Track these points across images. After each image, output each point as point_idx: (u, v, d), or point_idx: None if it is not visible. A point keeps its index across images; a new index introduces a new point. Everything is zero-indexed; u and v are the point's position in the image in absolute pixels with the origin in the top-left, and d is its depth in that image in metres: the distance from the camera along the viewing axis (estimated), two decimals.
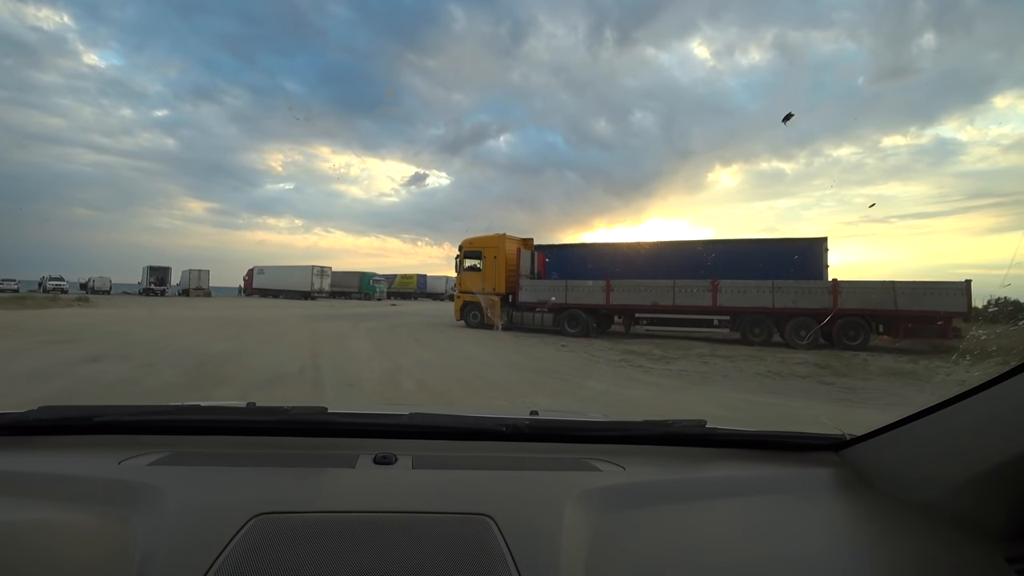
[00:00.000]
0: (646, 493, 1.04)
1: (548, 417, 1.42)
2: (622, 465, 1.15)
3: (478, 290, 18.09)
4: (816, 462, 1.24)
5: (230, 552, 0.75)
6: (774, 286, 14.34)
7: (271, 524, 0.82)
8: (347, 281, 50.74)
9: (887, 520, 1.01)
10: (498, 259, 17.79)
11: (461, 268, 18.67)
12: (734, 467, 1.22)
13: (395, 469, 1.07)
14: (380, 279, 51.90)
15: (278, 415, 1.20)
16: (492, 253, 17.97)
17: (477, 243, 18.55)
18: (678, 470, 1.18)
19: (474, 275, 18.37)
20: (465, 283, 18.68)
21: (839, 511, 1.07)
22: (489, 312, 17.77)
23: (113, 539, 0.80)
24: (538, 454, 1.21)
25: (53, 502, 0.88)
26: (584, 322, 16.14)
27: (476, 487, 1.02)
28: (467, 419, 1.34)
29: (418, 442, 1.21)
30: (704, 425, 1.30)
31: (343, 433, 1.21)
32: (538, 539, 0.84)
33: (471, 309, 18.38)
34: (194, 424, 1.22)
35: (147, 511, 0.85)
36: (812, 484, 1.16)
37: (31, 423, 1.13)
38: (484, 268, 18.09)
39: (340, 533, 0.81)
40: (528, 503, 0.96)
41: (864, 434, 1.21)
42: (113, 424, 1.15)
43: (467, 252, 18.62)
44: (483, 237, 18.59)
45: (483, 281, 18.00)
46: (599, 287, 16.19)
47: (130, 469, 1.00)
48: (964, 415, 0.96)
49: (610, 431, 1.35)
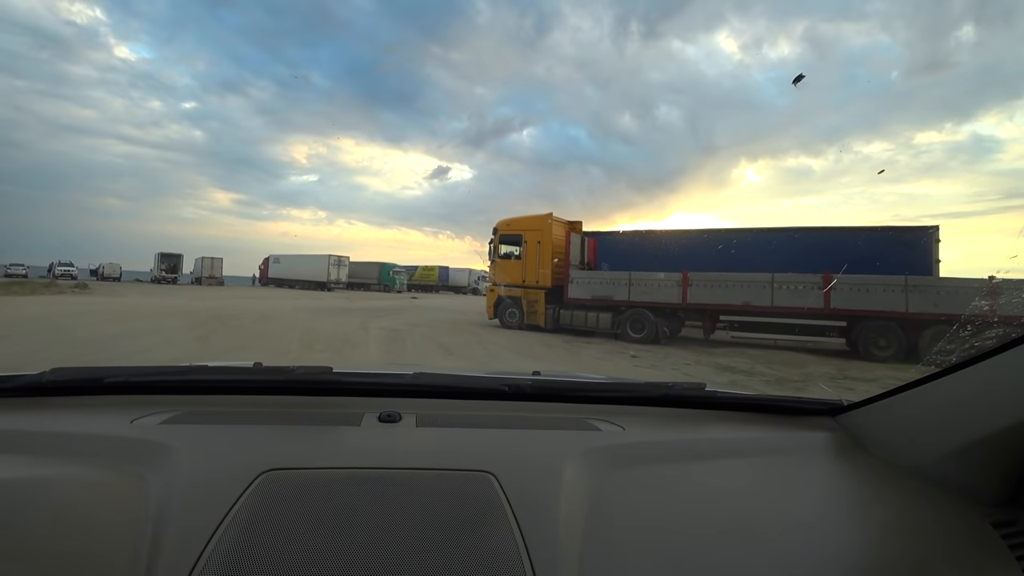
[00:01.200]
0: (645, 452, 1.05)
1: (549, 377, 1.44)
2: (622, 425, 1.15)
3: (517, 282, 14.78)
4: (813, 426, 1.26)
5: (240, 507, 0.76)
6: (907, 284, 10.83)
7: (279, 480, 0.83)
8: (366, 272, 48.01)
9: (880, 483, 1.05)
10: (543, 245, 14.43)
11: (495, 255, 15.33)
12: (733, 429, 1.23)
13: (399, 427, 1.07)
14: (400, 270, 48.99)
15: (284, 375, 1.20)
16: (535, 237, 14.58)
17: (517, 225, 15.15)
18: (677, 431, 1.19)
19: (512, 264, 15.03)
20: (501, 274, 15.30)
21: (834, 473, 1.09)
22: (531, 310, 14.51)
23: (127, 495, 0.80)
24: (539, 413, 1.22)
25: (68, 459, 0.88)
26: (652, 325, 12.81)
27: (478, 445, 1.02)
28: (470, 378, 1.35)
29: (422, 401, 1.22)
30: (704, 388, 1.31)
31: (348, 392, 1.22)
32: (538, 495, 0.85)
33: (508, 306, 15.07)
34: (203, 384, 1.22)
35: (159, 468, 0.86)
36: (809, 447, 1.17)
37: (44, 384, 1.11)
38: (525, 256, 14.72)
39: (346, 489, 0.82)
40: (529, 461, 0.96)
41: (861, 400, 1.23)
42: (124, 384, 1.15)
43: (503, 236, 15.24)
44: (524, 218, 15.21)
45: (523, 271, 14.68)
46: (673, 281, 12.79)
47: (142, 428, 1.01)
48: (958, 386, 1.00)
49: (611, 392, 1.35)
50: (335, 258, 43.51)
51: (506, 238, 15.22)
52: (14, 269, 40.76)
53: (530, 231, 14.68)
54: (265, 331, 11.80)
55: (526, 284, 14.60)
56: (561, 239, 14.81)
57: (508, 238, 15.19)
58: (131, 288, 33.08)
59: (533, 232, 14.61)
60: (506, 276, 15.06)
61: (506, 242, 15.27)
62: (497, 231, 15.29)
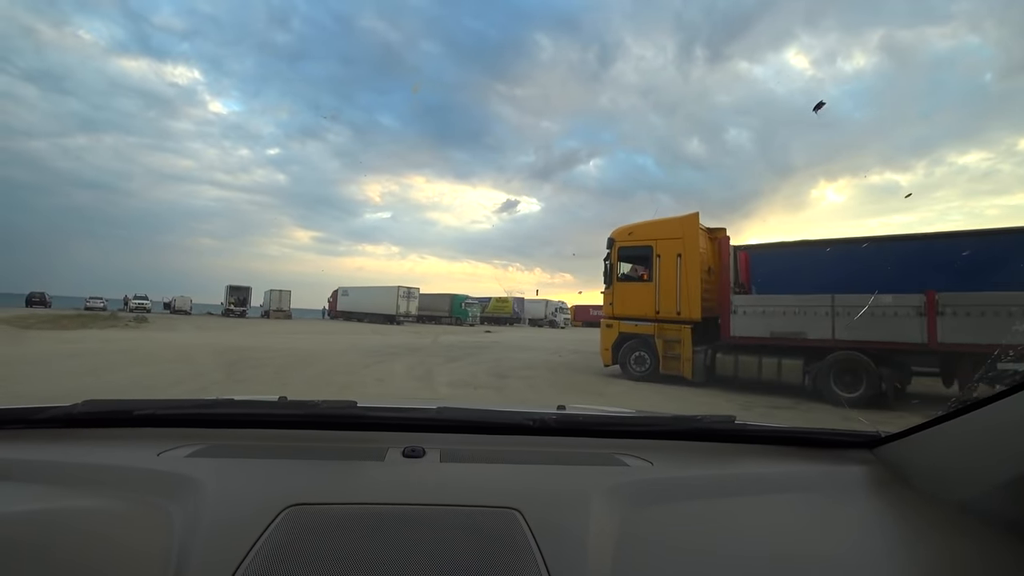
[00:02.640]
0: (674, 488, 1.02)
1: (575, 411, 1.44)
2: (650, 460, 1.12)
3: (646, 314, 10.27)
4: (849, 459, 1.19)
5: (264, 542, 0.76)
6: None
7: (303, 515, 0.83)
8: (436, 304, 44.92)
9: (923, 519, 0.98)
10: (686, 260, 9.90)
11: (612, 277, 10.96)
12: (764, 463, 1.17)
13: (423, 462, 1.05)
14: (473, 302, 45.49)
15: (309, 409, 1.21)
16: (674, 249, 10.07)
17: (644, 232, 10.66)
18: (707, 466, 1.14)
19: (639, 289, 10.57)
20: (622, 302, 10.80)
21: (873, 509, 1.02)
22: (669, 353, 9.94)
23: (153, 527, 0.81)
24: (565, 448, 1.18)
25: (97, 490, 0.89)
26: (874, 377, 7.96)
27: (503, 481, 1.00)
28: (494, 413, 1.30)
29: (446, 436, 1.19)
30: (733, 421, 1.27)
31: (372, 427, 1.21)
32: (565, 533, 0.83)
33: (634, 347, 10.48)
34: (228, 418, 1.22)
35: (184, 501, 0.86)
36: (845, 481, 1.10)
37: (76, 416, 1.14)
38: (659, 276, 10.20)
39: (369, 524, 0.81)
40: (555, 497, 0.93)
41: (900, 431, 1.15)
42: (152, 417, 1.17)
43: (624, 250, 10.83)
44: (656, 223, 10.74)
45: (657, 298, 10.18)
46: (912, 307, 7.93)
47: (168, 460, 1.01)
48: (1005, 413, 0.92)
49: (638, 426, 1.32)
50: (404, 289, 40.61)
51: (628, 252, 10.79)
52: (93, 303, 41.40)
53: (666, 241, 10.22)
54: (284, 383, 8.14)
55: (661, 316, 10.09)
56: (709, 252, 10.30)
57: (632, 252, 10.76)
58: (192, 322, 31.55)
59: (670, 242, 10.14)
60: (630, 305, 10.58)
61: (629, 258, 10.86)
62: (615, 244, 10.88)
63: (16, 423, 1.15)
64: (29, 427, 1.15)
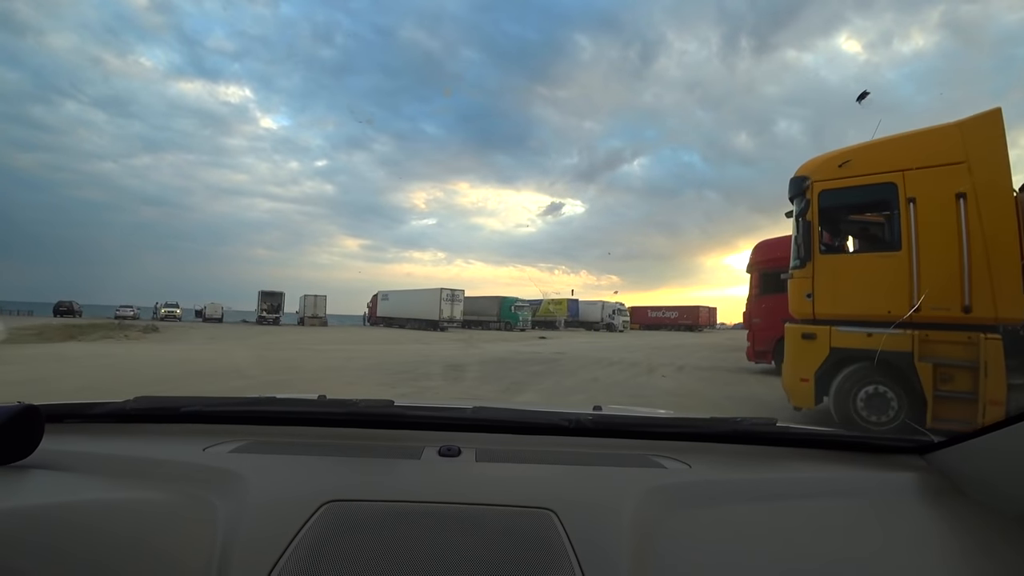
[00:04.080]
0: (713, 492, 0.99)
1: (611, 412, 1.41)
2: (688, 463, 1.10)
3: (887, 314, 5.30)
4: (899, 465, 1.15)
5: (303, 536, 0.77)
6: None
7: (340, 511, 0.83)
8: (484, 308, 40.78)
9: (979, 530, 0.93)
10: (983, 203, 4.97)
11: (808, 248, 6.02)
12: (807, 468, 1.13)
13: (459, 461, 1.06)
14: (524, 304, 41.06)
15: (348, 407, 1.22)
16: (949, 184, 5.11)
17: (874, 159, 5.69)
18: (747, 469, 1.10)
19: (868, 266, 5.71)
20: (833, 291, 5.84)
21: (926, 518, 0.97)
22: (950, 388, 5.02)
23: (198, 519, 0.82)
24: (602, 450, 1.17)
25: (146, 483, 0.91)
26: None
27: (538, 481, 1.00)
28: (530, 413, 1.28)
29: (482, 435, 1.20)
30: (775, 424, 1.25)
31: (409, 426, 1.22)
32: (601, 534, 0.82)
33: (864, 377, 5.51)
34: (270, 415, 1.25)
35: (228, 494, 0.88)
36: (895, 489, 1.05)
37: (128, 411, 1.19)
38: (918, 238, 5.27)
39: (405, 521, 0.82)
40: (591, 498, 0.93)
41: (954, 437, 1.10)
42: (198, 414, 1.20)
43: (832, 195, 5.91)
44: (903, 138, 5.67)
45: (913, 282, 5.21)
46: None
47: (213, 455, 1.03)
48: None
49: (676, 427, 1.28)
50: (448, 292, 36.61)
51: (843, 199, 5.91)
52: (123, 311, 40.24)
53: (928, 171, 5.32)
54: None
55: (926, 316, 5.17)
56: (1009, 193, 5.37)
57: (850, 198, 5.89)
58: (214, 331, 28.77)
59: (940, 172, 5.22)
60: (851, 297, 5.69)
61: (842, 208, 6.06)
62: (810, 185, 5.97)
63: (73, 417, 1.19)
64: (85, 421, 1.19)
